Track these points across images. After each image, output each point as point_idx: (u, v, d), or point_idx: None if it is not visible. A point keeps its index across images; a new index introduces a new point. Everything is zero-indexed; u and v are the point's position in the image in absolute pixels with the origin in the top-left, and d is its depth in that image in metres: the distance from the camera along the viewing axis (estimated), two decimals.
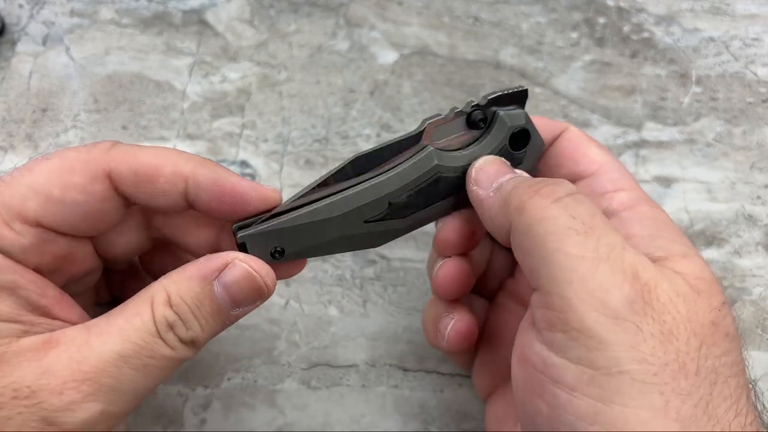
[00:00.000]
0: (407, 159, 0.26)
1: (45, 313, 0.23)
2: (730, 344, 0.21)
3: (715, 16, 0.45)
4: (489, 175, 0.26)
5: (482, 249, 0.31)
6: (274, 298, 0.36)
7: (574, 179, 0.28)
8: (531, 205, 0.23)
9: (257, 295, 0.24)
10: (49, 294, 0.24)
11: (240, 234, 0.25)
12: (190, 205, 0.25)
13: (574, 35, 0.44)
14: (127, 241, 0.27)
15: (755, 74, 0.43)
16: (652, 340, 0.20)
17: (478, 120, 0.27)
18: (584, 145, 0.28)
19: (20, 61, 0.42)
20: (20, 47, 0.43)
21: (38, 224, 0.23)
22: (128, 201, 0.25)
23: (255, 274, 0.24)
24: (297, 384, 0.34)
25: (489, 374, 0.31)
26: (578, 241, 0.21)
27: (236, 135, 0.40)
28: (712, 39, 0.45)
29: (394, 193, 0.26)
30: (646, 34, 0.45)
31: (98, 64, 0.42)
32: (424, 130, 0.27)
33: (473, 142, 0.28)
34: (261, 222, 0.25)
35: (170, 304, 0.23)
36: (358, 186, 0.26)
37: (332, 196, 0.25)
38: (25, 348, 0.21)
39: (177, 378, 0.34)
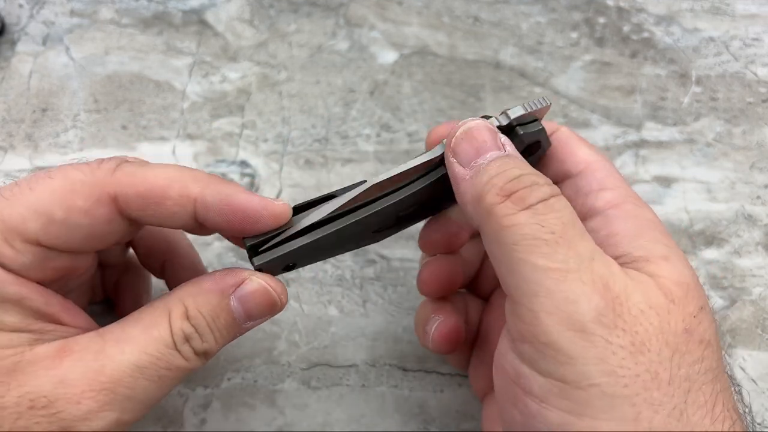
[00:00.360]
0: (423, 180, 0.25)
1: (53, 320, 0.23)
2: (704, 351, 0.21)
3: (715, 16, 0.45)
4: (471, 147, 0.24)
5: (474, 248, 0.31)
6: None
7: (561, 178, 0.28)
8: (500, 210, 0.22)
9: (271, 309, 0.25)
10: (54, 302, 0.24)
11: (256, 262, 0.25)
12: (199, 225, 0.25)
13: (574, 35, 0.44)
14: (119, 239, 0.27)
15: (755, 74, 0.43)
16: (622, 351, 0.19)
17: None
18: (572, 145, 0.28)
19: (20, 61, 0.42)
20: (20, 47, 0.43)
21: (38, 243, 0.23)
22: (134, 222, 0.25)
23: (271, 290, 0.24)
24: (297, 384, 0.34)
25: (484, 374, 0.31)
26: (546, 252, 0.20)
27: (236, 135, 0.40)
28: (712, 39, 0.45)
29: (403, 209, 0.26)
30: (646, 34, 0.45)
31: (98, 64, 0.42)
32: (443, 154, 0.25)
33: None
34: (274, 241, 0.25)
35: (188, 317, 0.23)
36: (373, 205, 0.25)
37: (346, 217, 0.25)
38: (40, 356, 0.21)
39: None
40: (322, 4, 0.45)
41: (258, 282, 0.24)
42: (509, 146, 0.24)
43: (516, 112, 0.25)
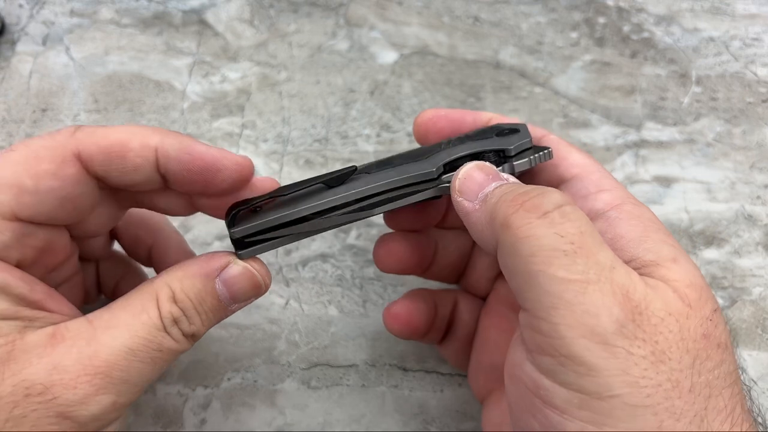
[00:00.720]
0: (418, 188, 0.26)
1: (40, 307, 0.23)
2: (722, 354, 0.21)
3: (715, 16, 0.45)
4: (473, 184, 0.24)
5: (455, 239, 0.32)
6: (274, 298, 0.36)
7: (555, 183, 0.28)
8: (515, 221, 0.21)
9: (256, 291, 0.25)
10: (38, 289, 0.24)
11: (235, 235, 0.25)
12: (163, 180, 0.25)
13: (574, 35, 0.44)
14: (99, 218, 0.27)
15: (755, 74, 0.43)
16: (643, 362, 0.19)
17: (491, 158, 0.27)
18: (564, 150, 0.28)
19: (20, 61, 0.42)
20: (20, 47, 0.43)
21: (15, 218, 0.23)
22: (102, 183, 0.25)
23: (255, 272, 0.25)
24: (297, 384, 0.34)
25: (483, 377, 0.30)
26: (565, 263, 0.20)
27: (236, 135, 0.40)
28: (712, 39, 0.45)
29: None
30: (646, 34, 0.45)
31: (98, 64, 0.42)
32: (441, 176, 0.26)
33: None
34: (257, 233, 0.25)
35: (175, 300, 0.23)
36: (361, 201, 0.26)
37: (336, 211, 0.25)
38: (32, 344, 0.22)
39: (177, 378, 0.34)
40: (322, 4, 0.45)
41: (242, 265, 0.25)
42: (512, 178, 0.25)
43: (522, 166, 0.26)
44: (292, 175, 0.39)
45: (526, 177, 0.29)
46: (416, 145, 0.32)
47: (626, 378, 0.19)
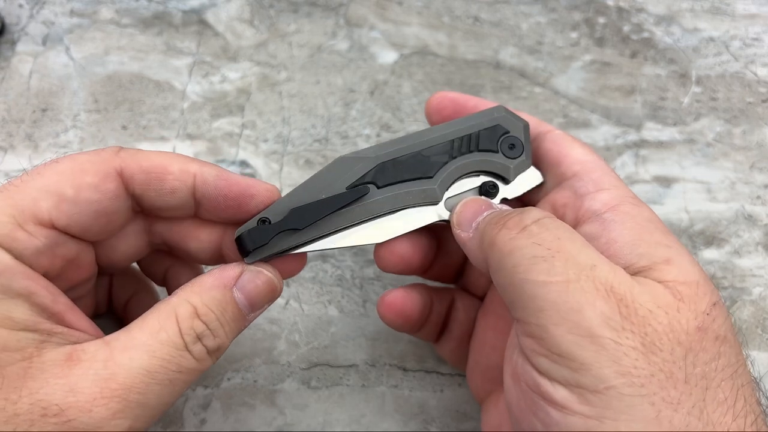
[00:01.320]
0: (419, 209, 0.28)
1: (59, 320, 0.23)
2: (720, 347, 0.21)
3: (715, 16, 0.45)
4: (468, 215, 0.26)
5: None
6: None
7: (557, 181, 0.28)
8: (499, 239, 0.23)
9: (271, 296, 0.26)
10: (60, 301, 0.24)
11: (242, 234, 0.26)
12: (196, 205, 0.26)
13: (574, 35, 0.44)
14: (127, 245, 0.27)
15: (755, 74, 0.43)
16: (633, 352, 0.20)
17: (489, 188, 0.29)
18: (566, 146, 0.28)
19: (20, 61, 0.42)
20: (20, 47, 0.43)
21: (51, 225, 0.23)
22: (137, 202, 0.26)
23: (270, 275, 0.25)
24: (297, 384, 0.34)
25: (481, 377, 0.30)
26: (545, 268, 0.21)
27: (236, 135, 0.40)
28: (712, 39, 0.45)
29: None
30: (646, 34, 0.45)
31: (98, 64, 0.42)
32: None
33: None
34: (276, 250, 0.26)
35: (198, 314, 0.23)
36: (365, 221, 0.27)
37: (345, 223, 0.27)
38: (49, 363, 0.21)
39: None
40: (322, 4, 0.45)
41: (256, 270, 0.25)
42: (504, 206, 0.27)
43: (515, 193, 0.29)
44: (292, 175, 0.39)
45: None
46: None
47: (618, 368, 0.20)
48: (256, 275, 0.25)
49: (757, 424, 0.20)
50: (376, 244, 0.29)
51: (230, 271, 0.25)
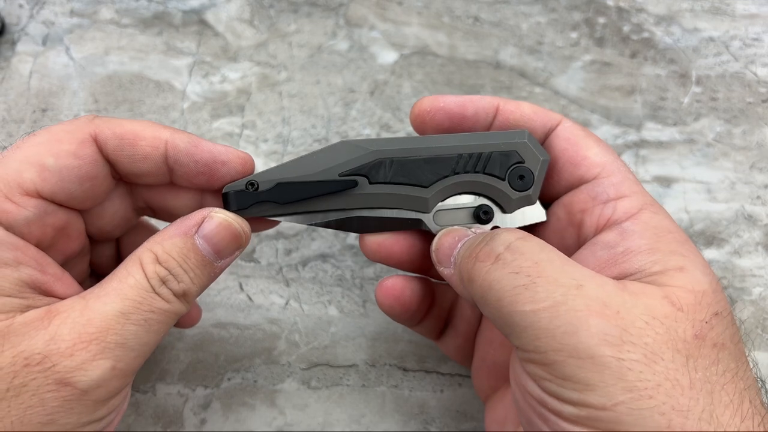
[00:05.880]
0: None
1: (46, 291, 0.24)
2: (718, 354, 0.21)
3: (715, 16, 0.45)
4: (445, 251, 0.26)
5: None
6: (275, 298, 0.36)
7: (575, 184, 0.27)
8: (475, 274, 0.23)
9: (236, 243, 0.26)
10: (49, 271, 0.24)
11: (226, 189, 0.27)
12: (170, 171, 0.26)
13: (574, 35, 0.44)
14: (113, 212, 0.28)
15: (755, 74, 0.43)
16: (637, 365, 0.20)
17: (483, 213, 0.28)
18: (583, 146, 0.27)
19: (20, 61, 0.42)
20: (20, 47, 0.43)
21: (38, 195, 0.24)
22: (114, 170, 0.26)
23: (233, 222, 0.26)
24: (297, 384, 0.34)
25: (487, 375, 0.30)
26: (528, 296, 0.21)
27: (236, 135, 0.40)
28: (712, 39, 0.45)
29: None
30: (646, 34, 0.45)
31: (98, 64, 0.42)
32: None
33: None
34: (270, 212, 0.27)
35: (158, 261, 0.24)
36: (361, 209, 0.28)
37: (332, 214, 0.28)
38: (29, 319, 0.22)
39: (177, 378, 0.34)
40: (322, 4, 0.45)
41: (218, 217, 0.25)
42: (477, 229, 0.27)
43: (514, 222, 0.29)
44: None
45: (546, 175, 0.28)
46: None
47: (624, 384, 0.19)
48: (218, 221, 0.25)
49: (764, 425, 0.20)
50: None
51: (191, 219, 0.25)
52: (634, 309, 0.21)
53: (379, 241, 0.28)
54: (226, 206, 0.27)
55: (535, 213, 0.28)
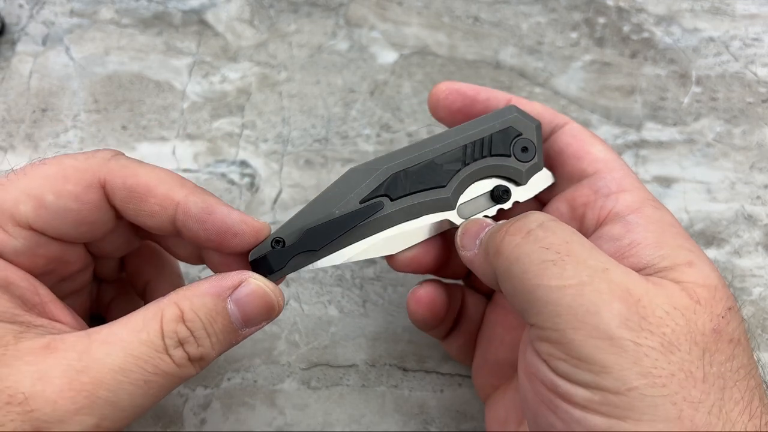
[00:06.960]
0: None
1: (40, 312, 0.23)
2: (734, 349, 0.21)
3: (715, 16, 0.45)
4: (471, 235, 0.26)
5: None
6: None
7: (577, 177, 0.28)
8: (504, 246, 0.23)
9: (268, 314, 0.24)
10: (41, 293, 0.24)
11: (251, 257, 0.25)
12: (176, 232, 0.25)
13: (574, 35, 0.44)
14: (113, 241, 0.27)
15: (755, 74, 0.43)
16: (653, 353, 0.20)
17: (501, 192, 0.28)
18: (587, 142, 0.28)
19: (20, 61, 0.42)
20: (20, 47, 0.43)
21: (30, 227, 0.23)
22: (119, 213, 0.25)
23: (269, 292, 0.24)
24: (297, 384, 0.34)
25: (488, 374, 0.31)
26: (556, 272, 0.21)
27: (236, 135, 0.40)
28: (712, 39, 0.44)
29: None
30: (646, 34, 0.45)
31: (98, 64, 0.42)
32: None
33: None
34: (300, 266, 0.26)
35: (183, 319, 0.22)
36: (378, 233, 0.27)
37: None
38: (24, 351, 0.21)
39: None
40: (322, 4, 0.45)
41: (255, 284, 0.24)
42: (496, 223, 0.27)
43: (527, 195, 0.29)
44: (292, 175, 0.39)
45: (549, 167, 0.30)
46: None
47: (639, 369, 0.20)
48: (255, 288, 0.24)
49: None
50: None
51: (228, 280, 0.23)
52: (656, 298, 0.21)
53: (410, 256, 0.28)
54: (260, 272, 0.25)
55: (544, 178, 0.29)
